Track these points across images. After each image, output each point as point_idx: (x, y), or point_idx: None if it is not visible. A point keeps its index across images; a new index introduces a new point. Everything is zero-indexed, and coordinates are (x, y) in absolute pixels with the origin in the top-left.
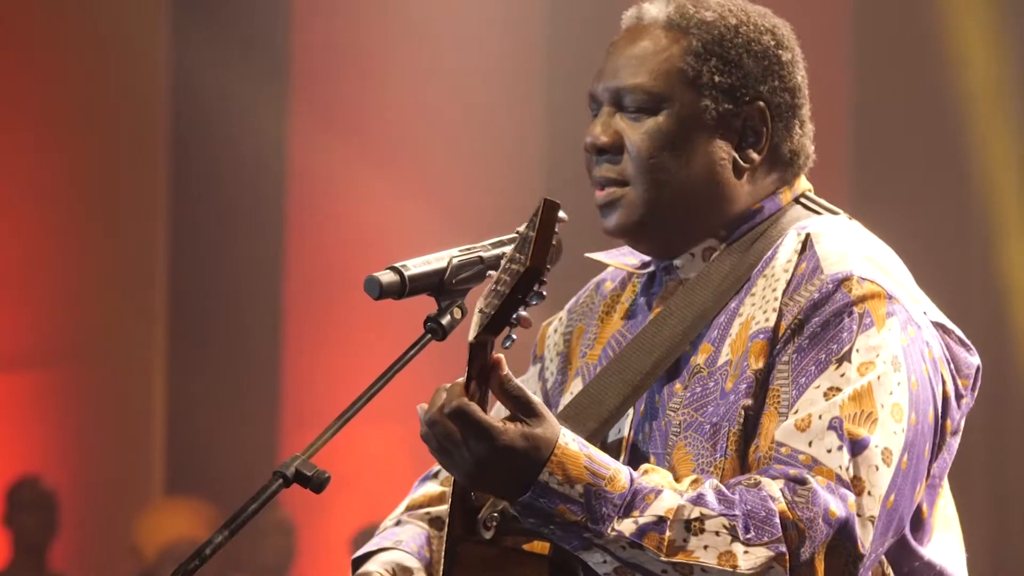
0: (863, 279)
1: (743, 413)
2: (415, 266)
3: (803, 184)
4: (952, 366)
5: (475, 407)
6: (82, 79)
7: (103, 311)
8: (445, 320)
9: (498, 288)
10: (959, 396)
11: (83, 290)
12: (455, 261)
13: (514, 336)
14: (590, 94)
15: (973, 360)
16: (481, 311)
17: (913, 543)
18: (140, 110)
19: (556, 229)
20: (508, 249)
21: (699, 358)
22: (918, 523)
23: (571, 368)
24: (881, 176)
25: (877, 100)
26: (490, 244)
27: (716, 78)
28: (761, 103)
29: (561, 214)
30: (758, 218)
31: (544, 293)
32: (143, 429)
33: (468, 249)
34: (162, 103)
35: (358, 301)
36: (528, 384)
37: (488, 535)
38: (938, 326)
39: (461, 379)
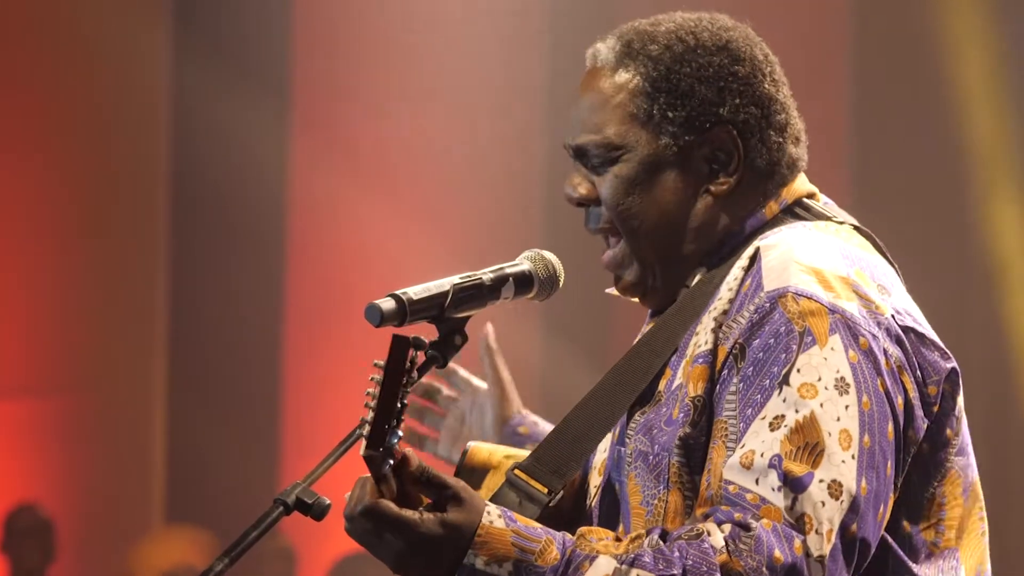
0: (799, 295)
1: (681, 443)
2: (416, 293)
3: (798, 189)
4: (919, 372)
5: (385, 504)
6: (83, 108)
7: (103, 338)
8: (446, 347)
9: (367, 418)
10: (926, 404)
11: (83, 317)
12: (456, 288)
13: (388, 467)
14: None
15: (946, 364)
16: (361, 433)
17: (907, 561)
18: (141, 138)
19: (408, 363)
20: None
21: (661, 385)
22: (905, 542)
23: None
24: (880, 203)
25: (877, 126)
26: (491, 271)
27: (669, 113)
28: (726, 126)
29: (412, 350)
30: (739, 238)
31: (400, 433)
32: (143, 456)
33: (469, 276)
34: (163, 131)
35: (359, 328)
36: None
37: None
38: (908, 330)
39: (363, 477)
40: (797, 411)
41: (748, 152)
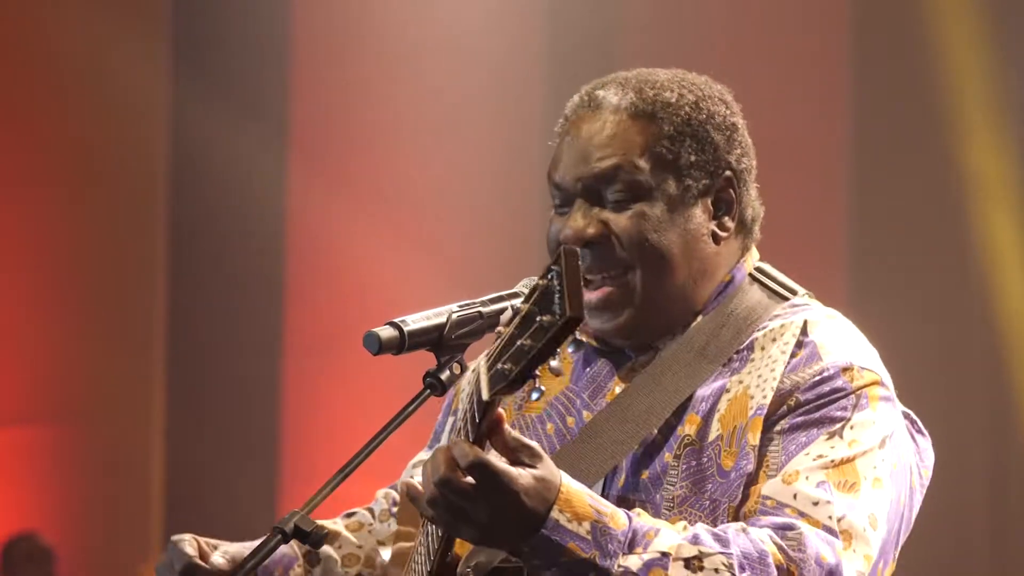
0: (863, 368)
1: (743, 490)
2: (414, 321)
3: (755, 253)
4: (918, 455)
5: (492, 458)
6: (81, 139)
7: (102, 366)
8: (444, 375)
9: (522, 344)
10: (922, 485)
11: (82, 345)
12: (454, 316)
13: (543, 387)
14: (553, 184)
15: (932, 456)
16: (497, 370)
17: None
18: (140, 169)
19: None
20: (512, 303)
21: (688, 428)
22: None
23: None
24: (879, 214)
25: (877, 173)
26: (489, 299)
27: (692, 157)
28: (729, 172)
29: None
30: (730, 289)
31: (578, 336)
32: (141, 485)
33: (467, 304)
34: (162, 162)
35: (357, 356)
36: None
37: None
38: (905, 415)
39: (456, 438)
40: (841, 453)
41: (741, 201)
